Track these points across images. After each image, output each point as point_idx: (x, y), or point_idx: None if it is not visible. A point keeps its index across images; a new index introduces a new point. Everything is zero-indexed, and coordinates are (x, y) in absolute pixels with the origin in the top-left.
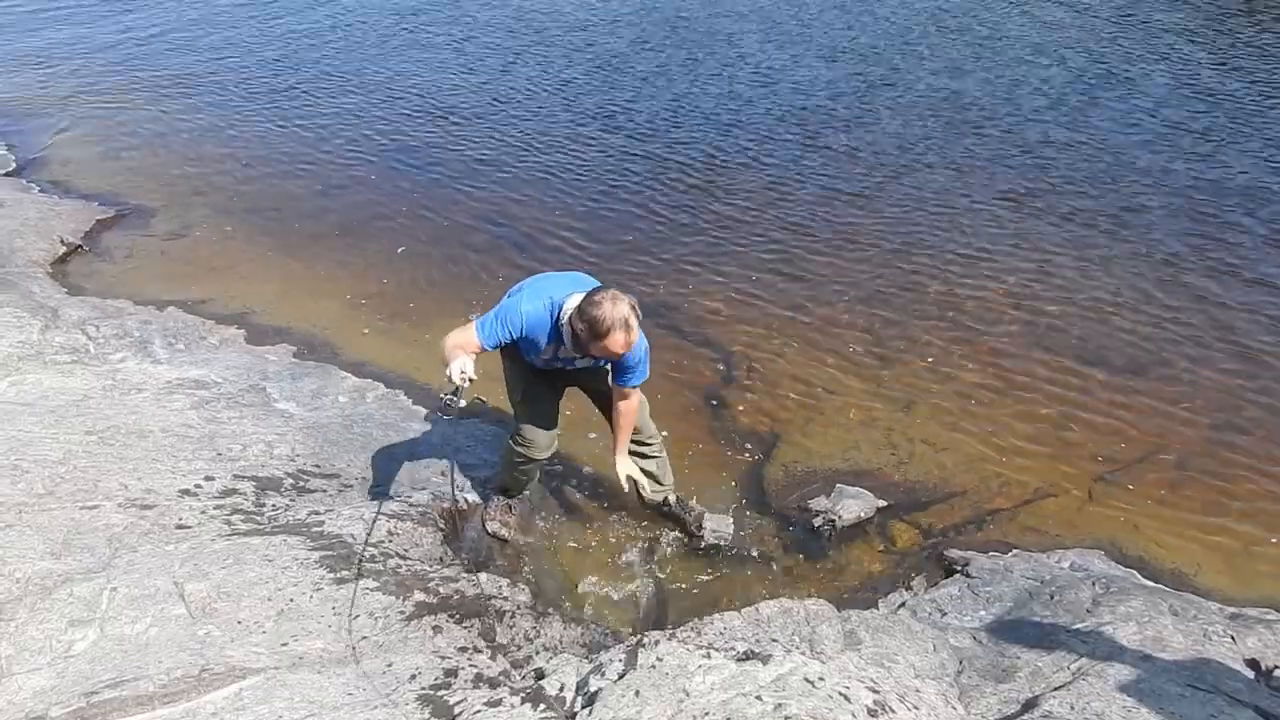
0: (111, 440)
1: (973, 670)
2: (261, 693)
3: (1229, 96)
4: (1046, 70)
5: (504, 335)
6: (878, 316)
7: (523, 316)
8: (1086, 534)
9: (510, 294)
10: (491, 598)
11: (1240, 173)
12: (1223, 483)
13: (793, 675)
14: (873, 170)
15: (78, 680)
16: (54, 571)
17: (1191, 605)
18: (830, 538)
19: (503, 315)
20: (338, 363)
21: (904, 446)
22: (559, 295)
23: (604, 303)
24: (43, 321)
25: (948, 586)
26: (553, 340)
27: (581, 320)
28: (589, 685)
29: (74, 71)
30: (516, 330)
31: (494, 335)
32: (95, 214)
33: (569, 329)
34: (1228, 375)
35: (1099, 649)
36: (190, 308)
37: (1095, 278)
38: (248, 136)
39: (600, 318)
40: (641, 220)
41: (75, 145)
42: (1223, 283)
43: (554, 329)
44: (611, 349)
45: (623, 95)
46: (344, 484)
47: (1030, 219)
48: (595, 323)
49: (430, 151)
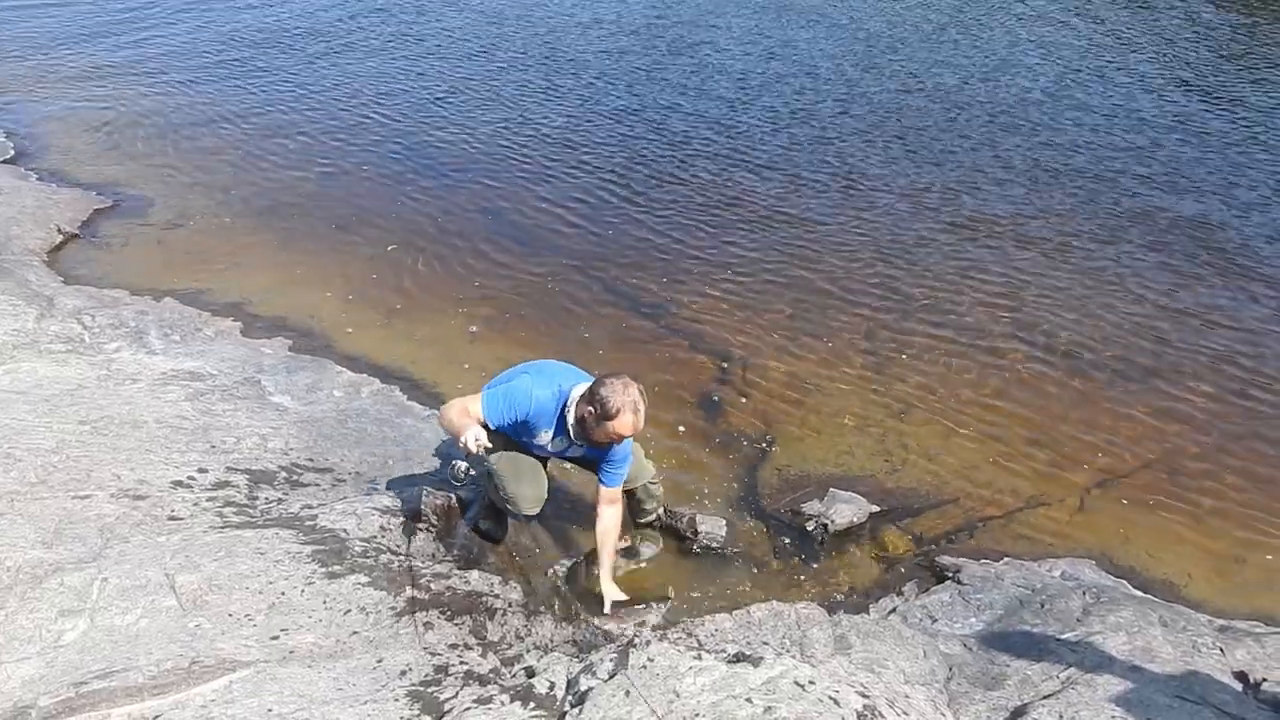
0: (105, 430)
1: (962, 677)
2: (251, 686)
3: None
4: (1061, 82)
5: (510, 417)
6: (874, 322)
7: (532, 401)
8: (1077, 543)
9: (513, 375)
10: (483, 595)
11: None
12: (1214, 494)
13: (783, 678)
14: (872, 176)
15: (67, 670)
16: (45, 561)
17: (1181, 616)
18: (822, 542)
19: (511, 397)
20: (333, 357)
21: (898, 452)
22: (566, 384)
23: (615, 385)
24: (38, 310)
25: (939, 593)
26: (551, 428)
27: (590, 403)
28: (579, 684)
29: (75, 58)
30: (523, 414)
31: (500, 415)
32: (93, 203)
33: (574, 415)
34: (1220, 388)
35: (1088, 658)
36: (186, 299)
37: (1091, 289)
38: (248, 128)
39: (610, 399)
40: (639, 221)
41: (74, 133)
42: (1217, 296)
43: (558, 418)
44: (619, 430)
45: (624, 97)
46: (337, 478)
47: (1030, 229)
48: (605, 403)
49: (430, 148)
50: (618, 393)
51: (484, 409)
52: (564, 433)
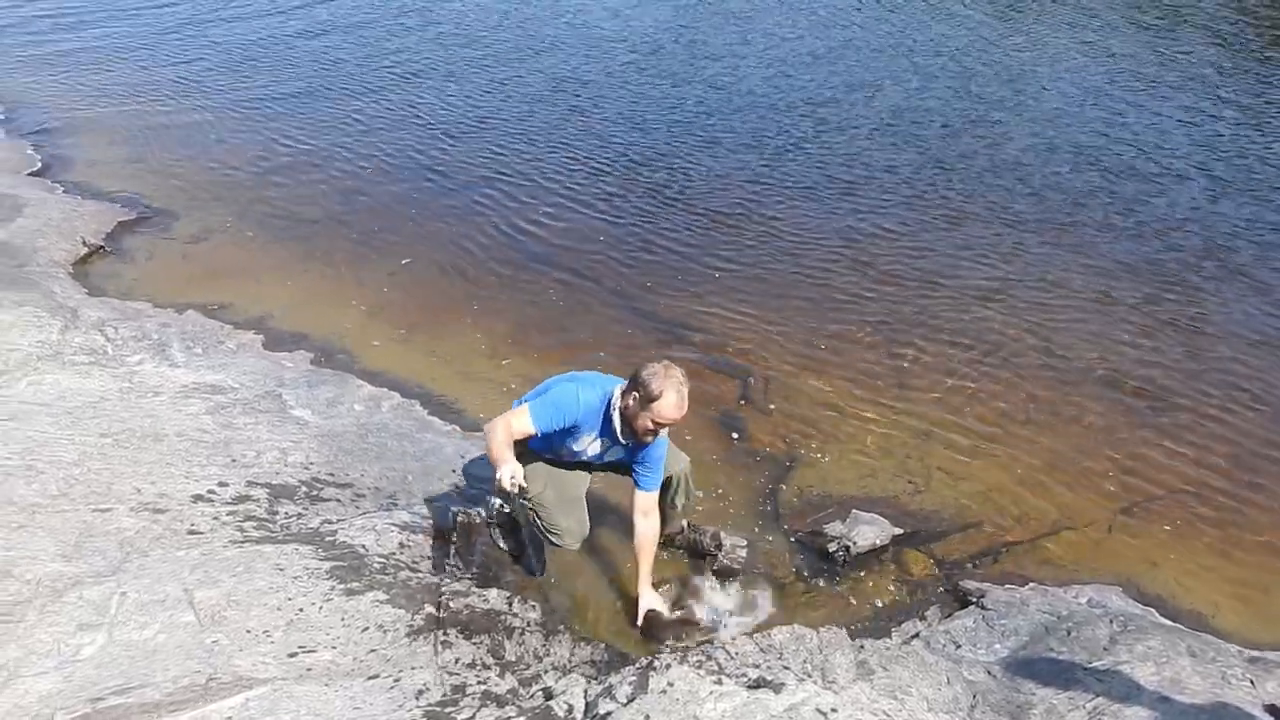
0: (126, 443)
1: (986, 705)
2: (268, 704)
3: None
4: (1102, 102)
5: (559, 423)
6: (897, 343)
7: (580, 405)
8: (1104, 569)
9: (554, 383)
10: (501, 614)
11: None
12: (1243, 522)
13: (805, 705)
14: (895, 197)
15: (84, 685)
16: (65, 574)
17: (1210, 646)
18: (844, 564)
19: (560, 404)
20: (354, 371)
21: (921, 475)
22: (610, 386)
23: (656, 369)
24: (62, 322)
25: (962, 618)
26: (595, 430)
27: (634, 389)
28: (598, 708)
29: (101, 72)
30: (572, 418)
31: (549, 422)
32: (118, 215)
33: (618, 409)
34: (1252, 415)
35: (1116, 688)
36: (209, 312)
37: (1119, 313)
38: (274, 143)
39: (651, 381)
40: (660, 238)
41: (100, 146)
42: (1250, 322)
43: (603, 419)
44: (664, 412)
45: (644, 115)
46: (357, 493)
47: (1055, 250)
48: (647, 386)
49: (456, 164)
50: (659, 375)
51: (532, 420)
52: (609, 433)
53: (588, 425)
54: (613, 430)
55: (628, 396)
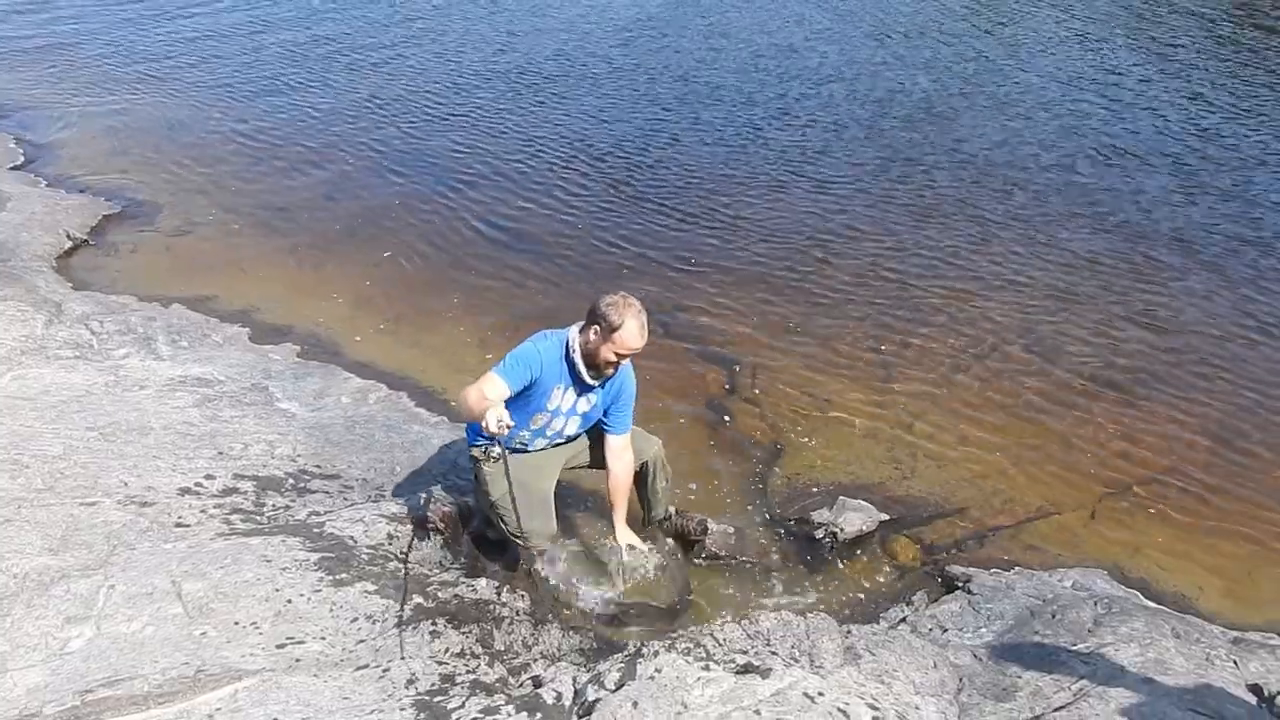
0: (112, 436)
1: (973, 688)
2: (257, 695)
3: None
4: (1072, 96)
5: (526, 377)
6: (884, 330)
7: (540, 354)
8: (1089, 553)
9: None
10: (490, 603)
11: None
12: (1226, 505)
13: (792, 690)
14: (882, 187)
15: (72, 678)
16: (51, 567)
17: (1194, 628)
18: (831, 550)
19: (523, 358)
20: (341, 363)
21: (907, 461)
22: (563, 332)
23: (614, 299)
24: (46, 316)
25: (949, 603)
26: (562, 380)
27: (595, 320)
28: (587, 695)
29: (84, 66)
30: (536, 368)
31: (516, 376)
32: (102, 209)
33: (579, 347)
34: (1234, 398)
35: (1100, 670)
36: (194, 305)
37: (1103, 299)
38: (257, 135)
39: (610, 311)
40: (648, 229)
41: (84, 140)
42: (1234, 309)
43: (567, 366)
44: (627, 341)
45: (632, 108)
46: (345, 485)
47: (1039, 240)
48: (607, 317)
49: (441, 157)
50: (618, 306)
51: (502, 379)
52: (575, 378)
53: (553, 376)
54: (578, 373)
55: (588, 331)
